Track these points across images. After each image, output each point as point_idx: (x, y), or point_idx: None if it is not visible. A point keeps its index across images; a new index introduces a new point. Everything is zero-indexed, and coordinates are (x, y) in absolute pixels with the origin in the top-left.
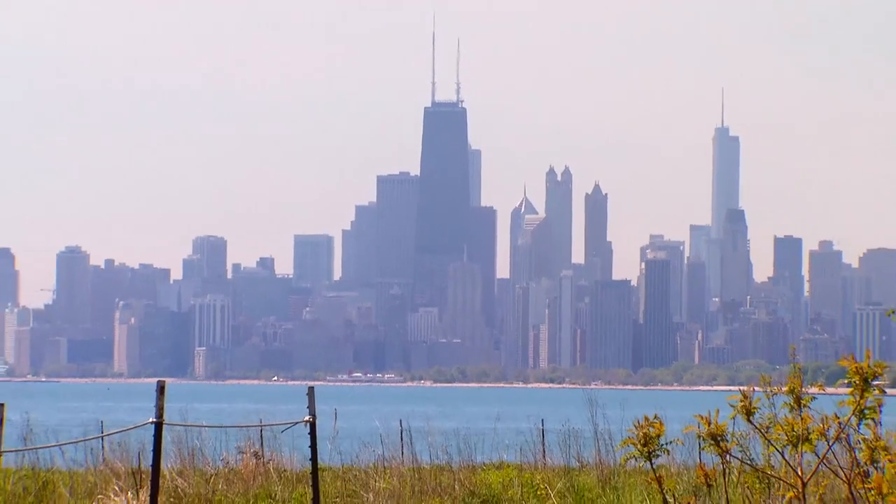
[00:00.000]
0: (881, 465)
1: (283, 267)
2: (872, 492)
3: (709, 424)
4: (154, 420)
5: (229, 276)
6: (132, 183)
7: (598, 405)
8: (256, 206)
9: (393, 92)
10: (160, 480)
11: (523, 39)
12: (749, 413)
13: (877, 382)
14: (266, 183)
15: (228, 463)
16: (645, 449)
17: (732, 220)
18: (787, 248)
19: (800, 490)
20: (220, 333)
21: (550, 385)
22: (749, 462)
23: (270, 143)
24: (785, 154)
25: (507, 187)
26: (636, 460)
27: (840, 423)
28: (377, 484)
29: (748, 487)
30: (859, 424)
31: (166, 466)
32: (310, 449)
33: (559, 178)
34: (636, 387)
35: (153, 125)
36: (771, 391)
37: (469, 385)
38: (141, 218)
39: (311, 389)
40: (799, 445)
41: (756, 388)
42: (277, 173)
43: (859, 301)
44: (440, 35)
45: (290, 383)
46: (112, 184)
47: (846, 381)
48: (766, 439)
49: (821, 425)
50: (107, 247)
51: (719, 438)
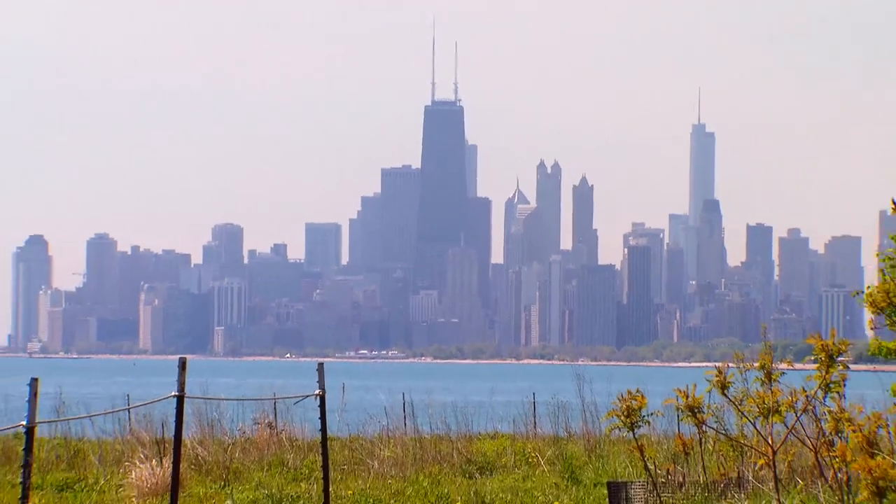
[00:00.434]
0: (845, 435)
1: (296, 252)
2: (837, 459)
3: (686, 398)
4: (176, 394)
5: (245, 261)
6: (144, 178)
7: (585, 380)
8: (271, 197)
9: (393, 91)
10: (182, 449)
11: (518, 41)
12: (724, 387)
13: (841, 359)
14: (280, 177)
15: (245, 433)
16: (628, 420)
17: (708, 210)
18: (759, 236)
19: (770, 458)
20: (237, 314)
21: (541, 361)
22: (724, 432)
23: (271, 143)
24: (756, 149)
25: (501, 180)
26: (620, 430)
27: (807, 396)
28: (382, 452)
29: (723, 455)
30: (825, 397)
31: (188, 436)
32: (319, 420)
33: (549, 171)
34: (620, 363)
35: (153, 125)
36: (744, 367)
37: (466, 361)
38: (165, 207)
39: (321, 365)
40: (769, 417)
41: (730, 364)
42: (289, 168)
43: (825, 284)
44: (440, 35)
45: (302, 360)
46: (136, 176)
47: (813, 358)
48: (740, 411)
49: (789, 398)
50: (133, 234)
51: (696, 410)
